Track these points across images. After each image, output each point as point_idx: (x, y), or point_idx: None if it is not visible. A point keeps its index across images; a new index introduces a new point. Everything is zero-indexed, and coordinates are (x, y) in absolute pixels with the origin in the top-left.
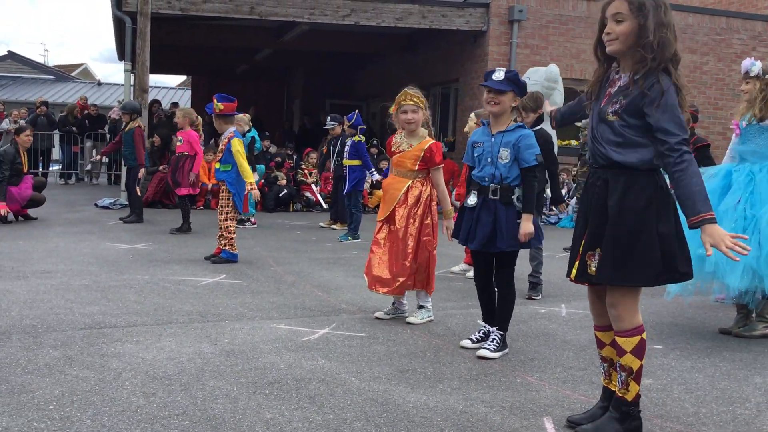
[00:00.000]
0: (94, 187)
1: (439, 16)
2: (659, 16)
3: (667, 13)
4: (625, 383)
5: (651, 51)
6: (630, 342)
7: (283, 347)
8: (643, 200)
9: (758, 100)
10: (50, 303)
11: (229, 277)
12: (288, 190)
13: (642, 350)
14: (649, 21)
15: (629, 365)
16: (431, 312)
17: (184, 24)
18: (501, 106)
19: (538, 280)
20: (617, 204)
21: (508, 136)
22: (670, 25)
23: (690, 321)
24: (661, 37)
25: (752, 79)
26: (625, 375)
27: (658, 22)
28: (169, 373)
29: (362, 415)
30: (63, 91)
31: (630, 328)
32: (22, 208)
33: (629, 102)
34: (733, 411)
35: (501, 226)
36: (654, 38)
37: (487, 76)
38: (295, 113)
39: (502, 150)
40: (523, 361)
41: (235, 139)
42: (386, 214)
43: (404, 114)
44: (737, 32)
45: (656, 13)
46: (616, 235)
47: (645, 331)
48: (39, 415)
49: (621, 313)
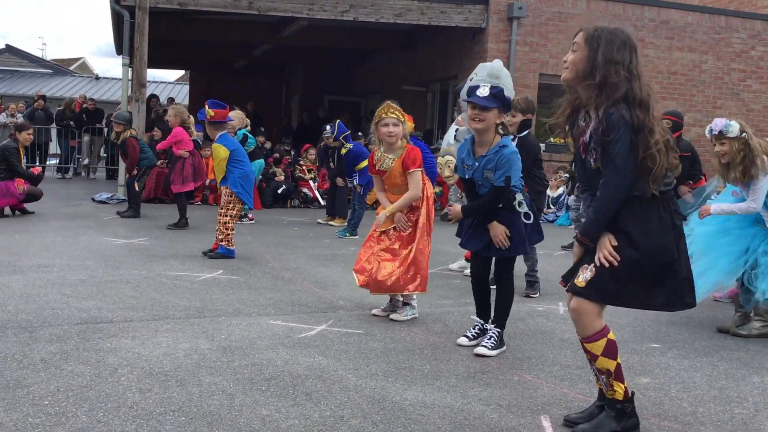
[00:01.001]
0: (91, 181)
1: (438, 13)
2: (609, 53)
3: (621, 50)
4: (608, 385)
5: (594, 88)
6: (598, 346)
7: (279, 344)
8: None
9: (738, 162)
10: (46, 297)
11: (226, 273)
12: (286, 186)
13: (613, 350)
14: (598, 55)
15: (605, 367)
16: (416, 309)
17: (183, 18)
18: (485, 122)
19: (535, 278)
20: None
21: (490, 162)
22: (623, 62)
23: (688, 320)
24: (605, 75)
25: (728, 140)
26: (605, 377)
27: (607, 58)
28: (165, 368)
29: (359, 412)
30: (61, 85)
31: (593, 333)
32: (19, 202)
33: (601, 146)
34: (731, 410)
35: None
36: (598, 74)
37: (470, 92)
38: (294, 109)
39: (487, 173)
40: (520, 359)
41: (215, 145)
42: (389, 227)
43: (385, 127)
44: (736, 31)
45: (607, 49)
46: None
47: (610, 330)
48: (34, 410)
49: (583, 321)
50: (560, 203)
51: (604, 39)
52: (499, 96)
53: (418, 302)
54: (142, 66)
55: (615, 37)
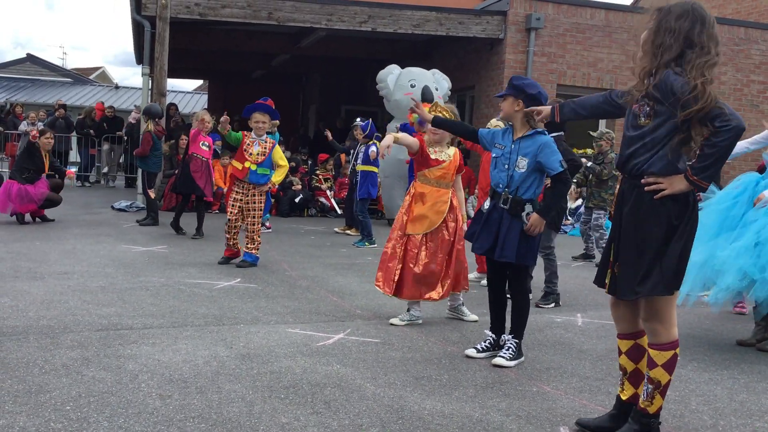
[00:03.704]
0: (110, 189)
1: (456, 24)
2: (668, 22)
3: (680, 20)
4: (650, 396)
5: (652, 54)
6: (663, 356)
7: (298, 352)
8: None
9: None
10: (67, 304)
11: (244, 281)
12: (303, 195)
13: (673, 365)
14: (660, 24)
15: (658, 379)
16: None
17: (202, 28)
18: (503, 112)
19: (551, 289)
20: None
21: (527, 145)
22: (679, 30)
23: (707, 332)
24: (662, 42)
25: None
26: (652, 388)
27: (665, 27)
28: (185, 375)
29: (378, 421)
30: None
31: (666, 342)
32: (39, 209)
33: (654, 102)
34: (752, 424)
35: (501, 237)
36: (657, 40)
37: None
38: (311, 119)
39: (521, 159)
40: (539, 370)
41: (278, 146)
42: (434, 226)
43: None
44: (756, 42)
45: (665, 18)
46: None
47: (679, 346)
48: (56, 415)
49: (656, 326)
50: (578, 215)
51: (665, 10)
52: (512, 83)
53: (436, 312)
54: (162, 75)
55: (677, 8)
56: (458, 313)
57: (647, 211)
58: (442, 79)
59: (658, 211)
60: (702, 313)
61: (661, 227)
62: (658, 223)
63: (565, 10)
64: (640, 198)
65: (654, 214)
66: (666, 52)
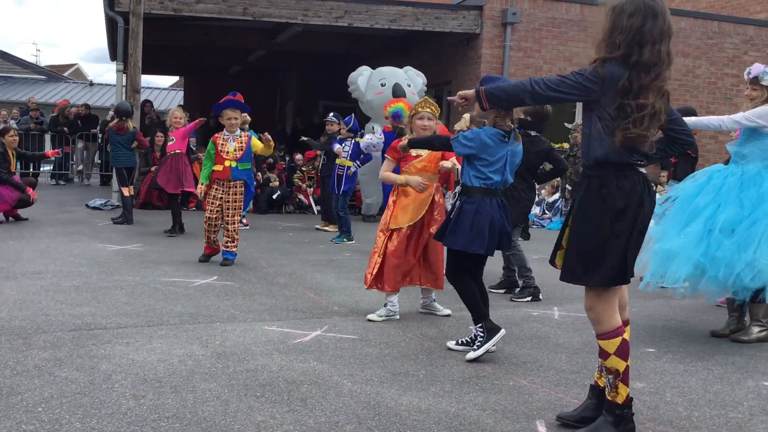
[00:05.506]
0: (85, 187)
1: (432, 19)
2: (619, 21)
3: (632, 18)
4: (613, 386)
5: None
6: (613, 344)
7: (274, 349)
8: (598, 199)
9: (759, 104)
10: (40, 304)
11: (220, 279)
12: (280, 192)
13: (626, 351)
14: (609, 23)
15: (615, 367)
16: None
17: (177, 24)
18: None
19: (527, 283)
20: (579, 202)
21: (514, 146)
22: (630, 28)
23: (682, 324)
24: (613, 40)
25: (760, 87)
26: (612, 377)
27: (615, 26)
28: (159, 375)
29: (354, 418)
30: (55, 92)
31: (610, 329)
32: (12, 209)
33: None
34: (726, 414)
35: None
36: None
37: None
38: (288, 115)
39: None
40: (515, 364)
41: (254, 138)
42: (416, 219)
43: (421, 120)
44: (729, 36)
45: (617, 18)
46: (572, 235)
47: (625, 330)
48: (28, 417)
49: (598, 316)
50: (556, 209)
51: (617, 9)
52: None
53: (413, 307)
54: (136, 72)
55: (628, 5)
56: (431, 309)
57: (594, 200)
58: (416, 75)
59: (604, 202)
60: (677, 304)
61: (607, 217)
62: (604, 212)
63: (540, 4)
64: (588, 187)
65: (600, 204)
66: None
